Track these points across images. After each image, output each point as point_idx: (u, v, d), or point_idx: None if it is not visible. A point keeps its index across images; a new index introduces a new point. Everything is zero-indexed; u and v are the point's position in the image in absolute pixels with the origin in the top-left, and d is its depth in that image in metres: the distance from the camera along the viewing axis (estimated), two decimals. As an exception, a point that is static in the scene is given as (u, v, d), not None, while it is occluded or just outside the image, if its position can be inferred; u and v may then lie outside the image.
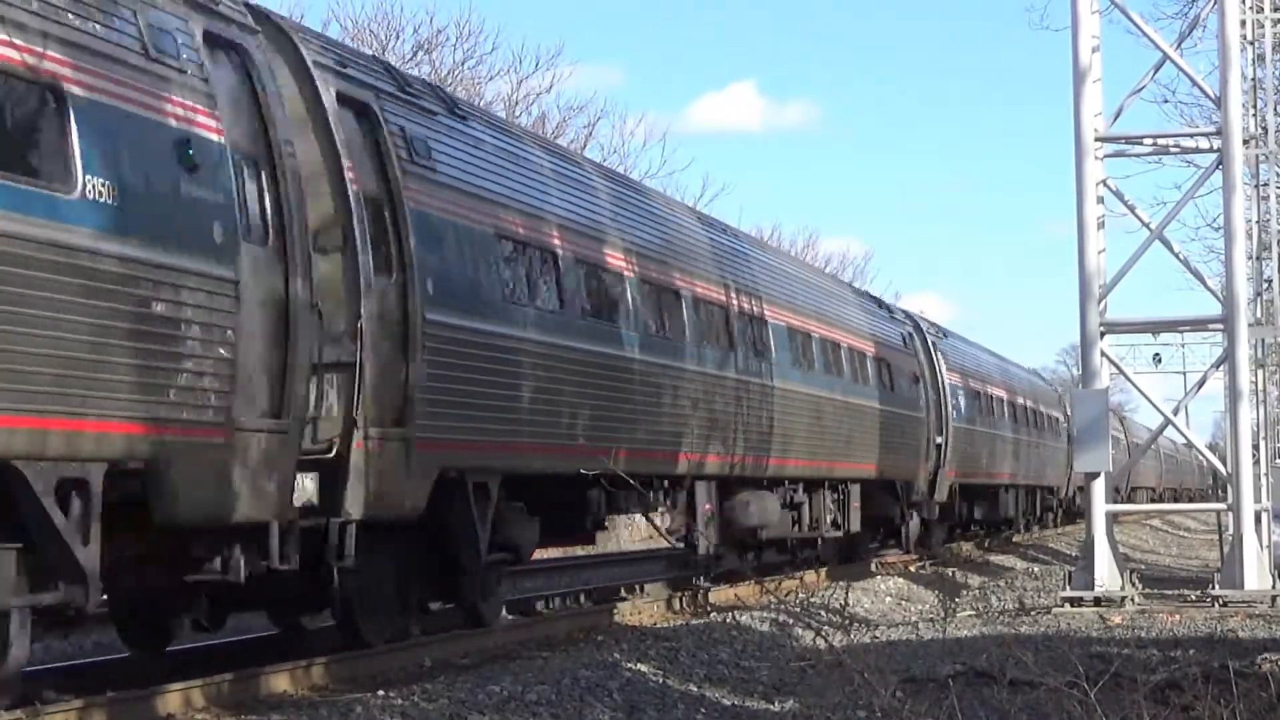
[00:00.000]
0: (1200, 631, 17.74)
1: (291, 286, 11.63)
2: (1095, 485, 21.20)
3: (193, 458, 10.75)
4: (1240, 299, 21.33)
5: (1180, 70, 22.83)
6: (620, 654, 15.65)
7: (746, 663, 15.90)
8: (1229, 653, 14.21)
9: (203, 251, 10.79)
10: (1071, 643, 16.05)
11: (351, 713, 11.97)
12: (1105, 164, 21.77)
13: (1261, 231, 27.01)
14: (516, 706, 12.57)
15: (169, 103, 10.71)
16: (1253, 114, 24.31)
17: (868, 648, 16.54)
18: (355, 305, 12.54)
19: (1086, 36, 21.25)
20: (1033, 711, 11.57)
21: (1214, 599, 20.57)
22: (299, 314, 11.67)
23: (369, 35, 43.25)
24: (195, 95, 10.97)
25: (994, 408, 34.63)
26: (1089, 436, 21.18)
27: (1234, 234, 21.17)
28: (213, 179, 10.95)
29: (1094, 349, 21.29)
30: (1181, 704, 10.12)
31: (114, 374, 10.07)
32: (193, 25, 11.21)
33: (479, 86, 44.70)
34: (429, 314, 13.34)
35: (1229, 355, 21.24)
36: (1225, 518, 21.91)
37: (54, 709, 11.42)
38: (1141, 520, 54.17)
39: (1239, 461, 21.06)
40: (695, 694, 13.88)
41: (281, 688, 13.20)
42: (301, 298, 11.73)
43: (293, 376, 11.60)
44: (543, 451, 15.62)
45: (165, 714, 12.00)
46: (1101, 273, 21.43)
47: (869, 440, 26.02)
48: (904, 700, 10.20)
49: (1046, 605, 21.29)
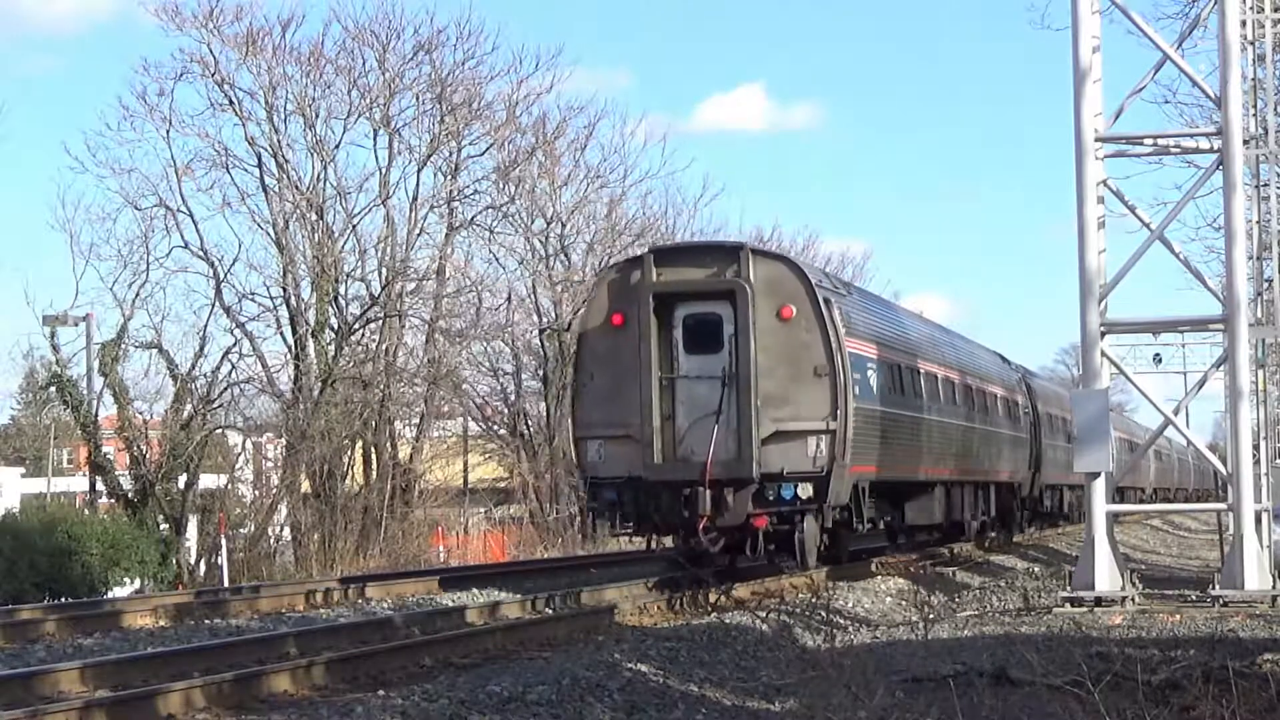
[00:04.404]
0: (1200, 631, 17.74)
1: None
2: (1095, 485, 21.20)
3: None
4: (1240, 299, 21.31)
5: (1180, 70, 22.83)
6: (620, 654, 15.65)
7: (746, 663, 15.90)
8: (1229, 653, 14.20)
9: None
10: (1072, 643, 16.05)
11: (351, 713, 11.98)
12: (1105, 164, 21.76)
13: (1262, 231, 26.96)
14: (516, 706, 12.57)
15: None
16: (1253, 114, 24.26)
17: (868, 648, 16.53)
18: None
19: (1087, 36, 21.24)
20: (1033, 711, 11.58)
21: (1214, 599, 20.56)
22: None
23: (369, 35, 43.26)
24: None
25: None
26: (1089, 436, 21.18)
27: (1234, 234, 21.16)
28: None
29: (1094, 349, 21.28)
30: (1182, 704, 10.12)
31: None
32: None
33: (479, 86, 44.70)
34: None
35: (1229, 355, 21.23)
36: (1225, 518, 21.91)
37: (54, 709, 11.44)
38: (1141, 520, 54.18)
39: (1239, 461, 21.06)
40: (695, 694, 13.87)
41: (281, 688, 13.21)
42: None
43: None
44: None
45: (165, 714, 12.01)
46: (1102, 273, 21.42)
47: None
48: (904, 700, 10.20)
49: (1047, 605, 21.28)
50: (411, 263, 43.67)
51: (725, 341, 21.92)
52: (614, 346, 22.25)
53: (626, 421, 21.97)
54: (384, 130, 43.25)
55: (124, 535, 35.03)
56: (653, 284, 22.01)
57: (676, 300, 22.16)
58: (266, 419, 44.02)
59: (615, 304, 22.37)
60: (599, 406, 22.40)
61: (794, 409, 21.88)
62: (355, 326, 42.44)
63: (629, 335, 22.03)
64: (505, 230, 46.50)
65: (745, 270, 21.95)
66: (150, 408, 41.33)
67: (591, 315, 22.95)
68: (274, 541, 41.38)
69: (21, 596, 28.94)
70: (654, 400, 21.73)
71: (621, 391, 22.05)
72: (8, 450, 71.94)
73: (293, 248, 41.59)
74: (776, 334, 21.90)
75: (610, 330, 22.38)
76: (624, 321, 22.17)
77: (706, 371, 21.98)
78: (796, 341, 21.95)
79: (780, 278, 22.31)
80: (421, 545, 40.68)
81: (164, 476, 39.21)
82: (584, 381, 22.70)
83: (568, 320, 47.13)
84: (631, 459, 22.00)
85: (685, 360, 22.12)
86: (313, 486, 40.78)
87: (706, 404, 21.87)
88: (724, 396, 21.76)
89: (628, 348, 21.94)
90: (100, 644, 17.15)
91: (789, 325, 21.95)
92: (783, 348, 21.93)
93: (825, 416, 21.92)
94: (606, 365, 22.35)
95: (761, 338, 21.77)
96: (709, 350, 22.07)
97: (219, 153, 41.51)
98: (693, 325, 22.19)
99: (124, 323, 39.98)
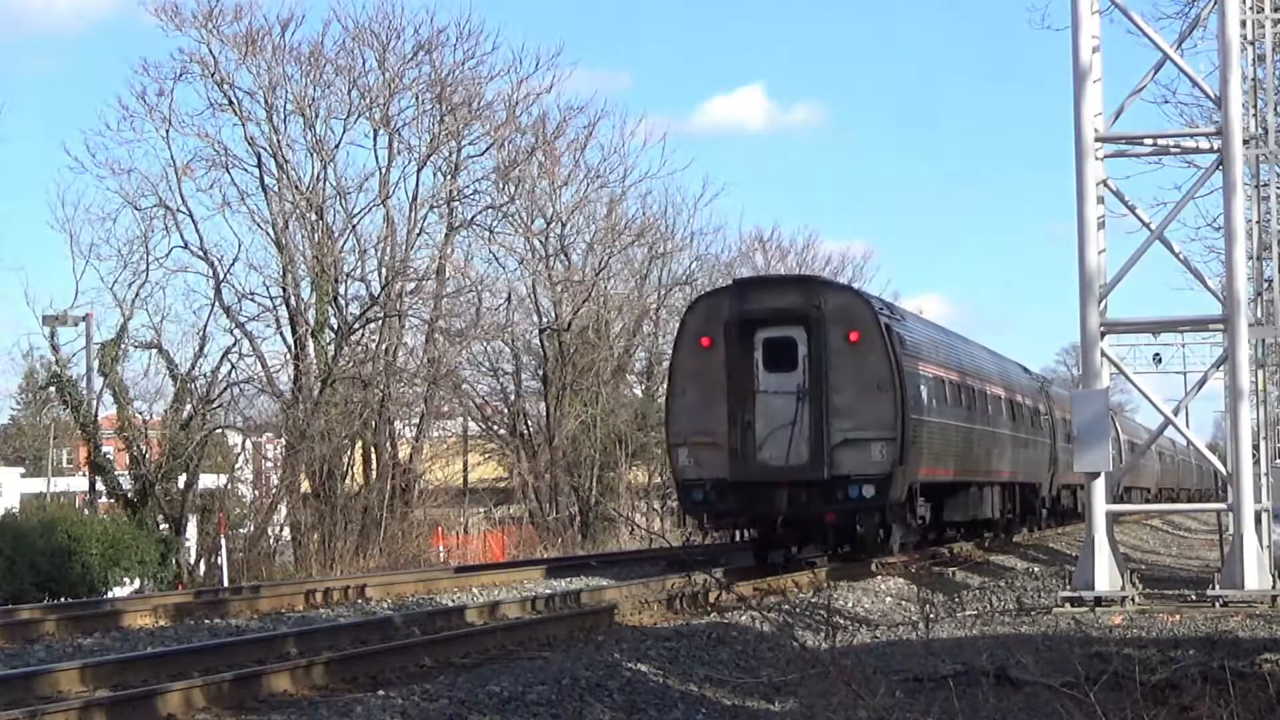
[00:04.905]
0: (1200, 631, 17.75)
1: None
2: (1095, 485, 21.20)
3: None
4: (1240, 299, 21.32)
5: (1180, 70, 22.85)
6: (620, 654, 15.65)
7: (746, 662, 15.91)
8: (1228, 653, 14.21)
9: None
10: (1071, 643, 16.06)
11: (351, 713, 11.98)
12: (1105, 164, 21.76)
13: (1261, 231, 26.92)
14: (516, 706, 12.58)
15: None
16: (1253, 114, 24.24)
17: (868, 648, 16.54)
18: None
19: (1087, 36, 21.25)
20: (1033, 711, 11.58)
21: (1214, 599, 20.56)
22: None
23: (369, 35, 43.21)
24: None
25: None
26: (1089, 436, 21.18)
27: (1234, 234, 21.17)
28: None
29: (1094, 349, 21.29)
30: (1181, 704, 10.13)
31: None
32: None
33: (479, 86, 44.64)
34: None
35: (1229, 355, 21.24)
36: (1225, 518, 21.91)
37: (54, 709, 11.44)
38: (1141, 520, 54.18)
39: (1239, 461, 21.06)
40: (695, 694, 13.88)
41: (281, 688, 13.21)
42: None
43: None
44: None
45: (165, 714, 12.01)
46: (1102, 273, 21.42)
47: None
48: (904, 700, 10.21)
49: (1046, 605, 21.28)
50: (411, 263, 43.66)
51: (799, 361, 24.94)
52: (703, 365, 25.39)
53: (713, 430, 24.98)
54: (384, 130, 43.22)
55: (124, 535, 35.02)
56: (737, 311, 25.18)
57: (757, 325, 25.12)
58: (266, 419, 43.98)
59: (704, 328, 25.63)
60: (690, 417, 25.50)
61: (860, 420, 24.78)
62: (355, 326, 42.41)
63: (716, 355, 25.21)
64: (505, 230, 46.51)
65: (819, 300, 25.19)
66: (150, 408, 41.34)
67: (683, 338, 26.21)
68: (274, 541, 41.37)
69: (21, 596, 28.92)
70: (738, 412, 24.76)
71: (709, 404, 25.10)
72: (8, 450, 71.93)
73: (292, 248, 41.57)
74: (845, 355, 24.88)
75: (699, 351, 25.54)
76: (711, 343, 25.33)
77: (783, 387, 24.90)
78: (863, 362, 24.89)
79: (848, 306, 25.57)
80: (421, 545, 40.68)
81: (164, 476, 39.20)
82: (676, 395, 25.84)
83: (568, 320, 47.22)
84: (718, 463, 24.97)
85: (764, 377, 25.00)
86: (312, 486, 40.76)
87: (783, 415, 24.82)
88: (798, 409, 24.74)
89: (715, 366, 25.12)
90: (100, 644, 17.15)
91: (856, 347, 24.93)
92: (851, 367, 24.88)
93: (888, 426, 24.79)
94: (696, 381, 25.47)
95: (832, 358, 24.81)
96: (785, 369, 24.98)
97: (219, 153, 41.50)
98: (771, 347, 25.08)
99: (124, 323, 40.01)
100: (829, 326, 24.80)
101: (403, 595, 23.44)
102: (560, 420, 47.06)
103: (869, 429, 24.62)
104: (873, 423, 24.63)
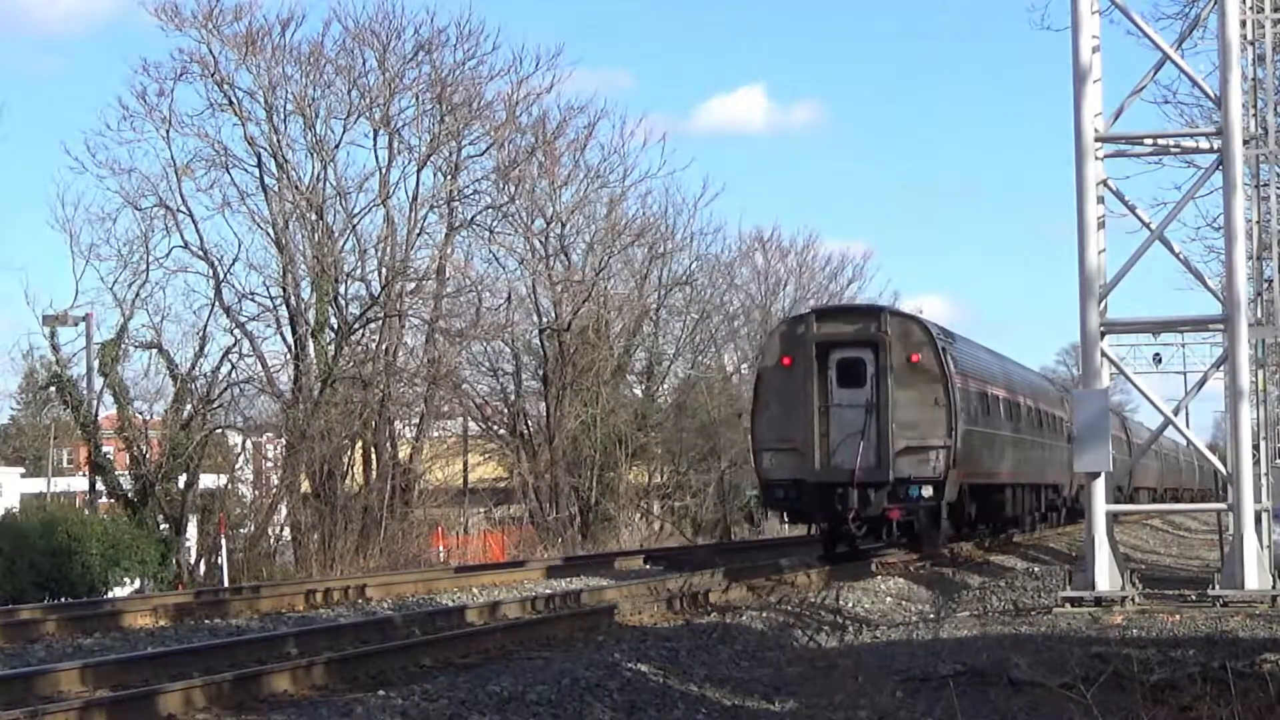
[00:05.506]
0: (1200, 631, 17.74)
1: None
2: (1095, 485, 21.19)
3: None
4: (1240, 299, 21.31)
5: (1180, 70, 22.83)
6: (620, 654, 15.65)
7: (746, 663, 15.91)
8: (1228, 653, 14.21)
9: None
10: (1071, 643, 16.07)
11: (351, 713, 11.98)
12: (1105, 164, 21.75)
13: (1261, 231, 26.88)
14: (516, 706, 12.58)
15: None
16: (1253, 114, 24.21)
17: (868, 648, 16.55)
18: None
19: (1087, 37, 21.24)
20: (1033, 710, 11.58)
21: (1214, 599, 20.55)
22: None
23: (369, 35, 43.20)
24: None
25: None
26: (1089, 436, 21.17)
27: (1234, 234, 21.16)
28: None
29: (1094, 349, 21.28)
30: (1181, 704, 10.12)
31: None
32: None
33: (479, 86, 44.63)
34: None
35: (1229, 355, 21.23)
36: (1225, 518, 21.90)
37: (54, 708, 11.44)
38: (1142, 520, 54.16)
39: (1239, 461, 21.05)
40: (695, 694, 13.88)
41: (281, 688, 13.22)
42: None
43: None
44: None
45: (165, 714, 12.01)
46: (1102, 273, 21.41)
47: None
48: (905, 700, 10.21)
49: (1046, 605, 21.28)
50: (411, 263, 43.65)
51: (867, 379, 28.46)
52: (784, 381, 28.77)
53: (792, 437, 28.36)
54: (384, 130, 43.21)
55: (124, 535, 35.04)
56: (814, 335, 28.65)
57: (831, 348, 28.62)
58: (266, 419, 43.96)
59: (785, 349, 29.11)
60: (772, 426, 28.85)
61: (920, 430, 28.19)
62: (355, 326, 42.41)
63: (795, 373, 28.58)
64: (505, 230, 46.50)
65: (884, 326, 28.68)
66: (150, 408, 41.34)
67: (767, 357, 30.01)
68: (274, 541, 41.37)
69: (21, 596, 28.95)
70: (814, 421, 28.19)
71: (789, 415, 28.47)
72: (8, 450, 71.90)
73: (292, 248, 41.57)
74: (907, 374, 28.35)
75: (781, 369, 28.96)
76: (792, 363, 28.74)
77: (853, 401, 28.38)
78: (921, 379, 28.38)
79: (910, 331, 28.98)
80: (421, 545, 40.67)
81: (164, 476, 39.21)
82: (761, 408, 29.16)
83: (568, 320, 47.21)
84: (796, 466, 28.38)
85: (837, 392, 28.50)
86: (313, 486, 40.75)
87: (853, 425, 28.25)
88: (866, 420, 28.20)
89: (795, 382, 28.49)
90: (100, 644, 17.16)
91: (916, 367, 28.40)
92: (911, 384, 28.34)
93: (943, 436, 28.22)
94: (778, 395, 28.85)
95: (896, 377, 28.24)
96: (855, 385, 28.44)
97: (219, 153, 41.50)
98: (844, 366, 28.55)
99: (124, 323, 40.02)
100: (893, 349, 28.33)
101: (403, 595, 23.48)
102: (560, 420, 47.06)
103: (927, 438, 28.08)
104: (930, 432, 28.13)
